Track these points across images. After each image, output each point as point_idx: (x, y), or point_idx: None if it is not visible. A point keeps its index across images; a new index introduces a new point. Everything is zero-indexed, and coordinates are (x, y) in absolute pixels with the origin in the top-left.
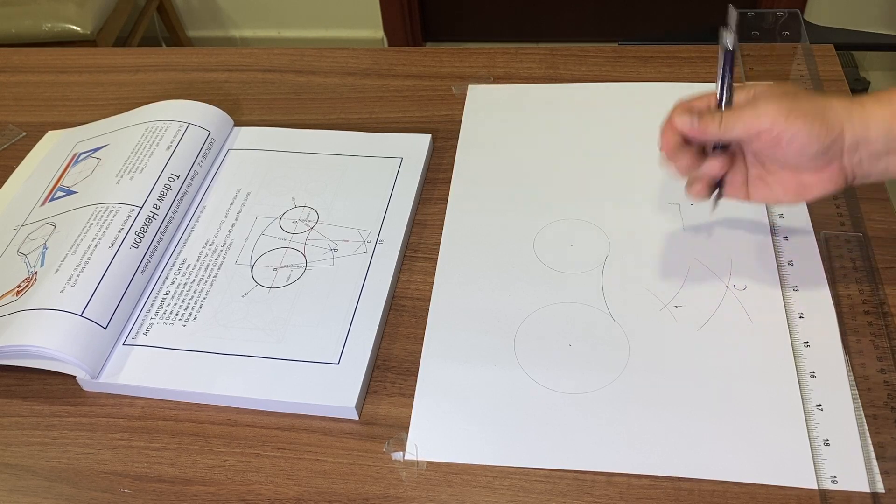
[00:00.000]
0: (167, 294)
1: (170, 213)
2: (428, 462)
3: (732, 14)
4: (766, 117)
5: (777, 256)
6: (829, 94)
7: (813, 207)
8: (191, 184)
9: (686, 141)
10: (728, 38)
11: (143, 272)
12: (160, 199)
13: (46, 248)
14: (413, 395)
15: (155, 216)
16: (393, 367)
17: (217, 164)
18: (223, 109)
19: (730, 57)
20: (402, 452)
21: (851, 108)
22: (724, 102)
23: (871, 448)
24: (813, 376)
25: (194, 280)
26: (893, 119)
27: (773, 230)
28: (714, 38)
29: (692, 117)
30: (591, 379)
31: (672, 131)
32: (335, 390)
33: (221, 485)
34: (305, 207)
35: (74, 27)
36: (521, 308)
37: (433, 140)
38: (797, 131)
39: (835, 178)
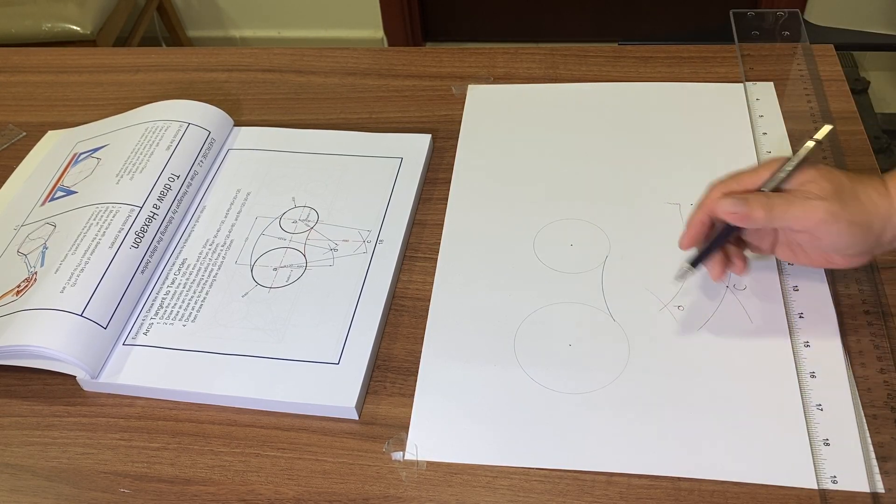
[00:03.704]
0: (167, 294)
1: (170, 213)
2: (428, 462)
3: (825, 129)
4: (813, 219)
5: None
6: (871, 185)
7: None
8: (191, 184)
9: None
10: (810, 144)
11: (143, 272)
12: (160, 199)
13: (46, 248)
14: (413, 395)
15: (155, 216)
16: (393, 367)
17: (217, 164)
18: (223, 109)
19: (798, 157)
20: (402, 452)
21: (893, 207)
22: (776, 187)
23: (871, 448)
24: (813, 376)
25: (194, 280)
26: None
27: None
28: (714, 38)
29: (737, 202)
30: (591, 379)
31: (700, 226)
32: (335, 390)
33: (221, 485)
34: (305, 207)
35: (74, 27)
36: (521, 308)
37: (433, 140)
38: (840, 236)
39: (863, 261)
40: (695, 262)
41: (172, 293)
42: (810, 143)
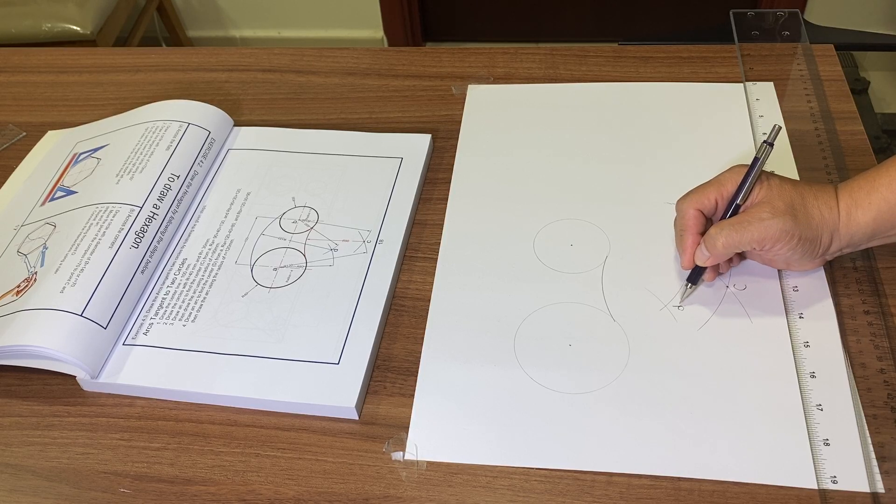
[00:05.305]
0: (167, 294)
1: (170, 213)
2: (428, 462)
3: (775, 129)
4: (770, 238)
5: None
6: (822, 198)
7: None
8: (191, 184)
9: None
10: (763, 151)
11: (143, 272)
12: (160, 199)
13: (46, 248)
14: (413, 395)
15: (155, 216)
16: (393, 367)
17: (217, 164)
18: (223, 109)
19: (755, 164)
20: (402, 452)
21: (839, 222)
22: (741, 200)
23: (871, 448)
24: (813, 376)
25: (194, 280)
26: (875, 223)
27: None
28: (714, 38)
29: (703, 253)
30: (591, 379)
31: (694, 248)
32: (335, 390)
33: (221, 485)
34: (305, 207)
35: (74, 27)
36: (521, 308)
37: (433, 140)
38: (792, 251)
39: (814, 266)
40: (694, 280)
41: (172, 293)
42: (767, 148)
